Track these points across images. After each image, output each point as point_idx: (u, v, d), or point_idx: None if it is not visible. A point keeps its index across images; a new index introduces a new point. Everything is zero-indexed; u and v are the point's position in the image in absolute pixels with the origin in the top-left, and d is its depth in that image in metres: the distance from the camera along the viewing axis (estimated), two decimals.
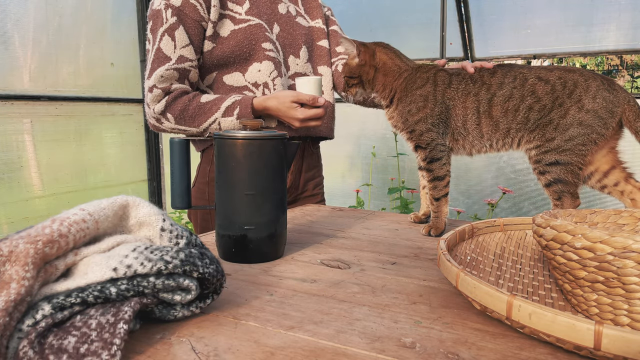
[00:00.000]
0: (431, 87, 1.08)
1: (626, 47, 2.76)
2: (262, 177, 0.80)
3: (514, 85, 1.04)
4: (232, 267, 0.79)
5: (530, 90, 1.03)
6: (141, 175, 3.20)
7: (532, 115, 1.03)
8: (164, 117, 1.22)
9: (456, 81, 1.08)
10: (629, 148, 1.08)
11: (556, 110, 1.01)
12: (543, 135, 1.02)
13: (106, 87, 2.89)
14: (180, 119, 1.21)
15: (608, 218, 0.74)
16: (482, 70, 1.09)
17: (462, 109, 1.07)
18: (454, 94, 1.07)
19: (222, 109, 1.20)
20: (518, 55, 3.14)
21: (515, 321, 0.50)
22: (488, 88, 1.06)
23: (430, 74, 1.10)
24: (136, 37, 3.06)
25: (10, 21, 2.35)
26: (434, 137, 1.07)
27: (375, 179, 3.23)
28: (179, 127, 1.23)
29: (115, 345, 0.45)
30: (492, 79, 1.06)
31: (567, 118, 1.00)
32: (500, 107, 1.04)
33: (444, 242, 0.67)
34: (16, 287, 0.45)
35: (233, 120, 1.20)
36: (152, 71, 1.21)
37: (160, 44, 1.20)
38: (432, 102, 1.07)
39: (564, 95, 1.01)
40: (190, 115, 1.21)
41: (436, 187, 1.07)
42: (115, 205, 0.56)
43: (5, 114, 2.36)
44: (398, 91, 1.11)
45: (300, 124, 1.21)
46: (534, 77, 1.04)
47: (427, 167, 1.08)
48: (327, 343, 0.51)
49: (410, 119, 1.08)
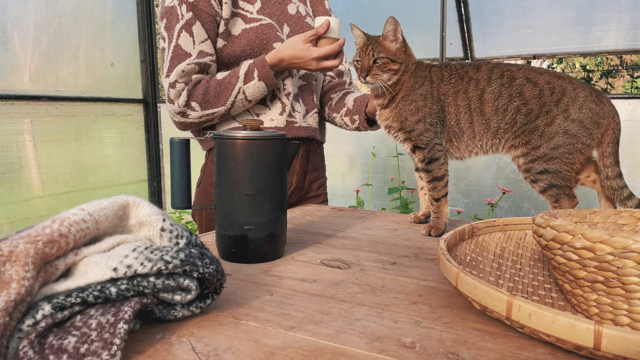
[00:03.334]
0: (428, 85, 1.07)
1: (626, 47, 2.76)
2: (262, 177, 0.80)
3: (502, 82, 1.04)
4: (232, 267, 0.79)
5: (517, 90, 1.03)
6: (141, 175, 3.20)
7: (519, 118, 1.02)
8: (189, 108, 1.20)
9: (447, 74, 1.07)
10: (629, 148, 1.08)
11: (542, 117, 1.01)
12: (528, 142, 1.02)
13: (106, 87, 2.89)
14: (205, 103, 1.20)
15: (608, 218, 0.74)
16: (464, 65, 1.07)
17: (455, 107, 1.06)
18: (446, 89, 1.06)
19: (241, 77, 1.19)
20: (518, 55, 3.14)
21: (515, 321, 0.50)
22: (476, 84, 1.05)
23: (427, 72, 1.09)
24: (136, 37, 3.06)
25: (10, 21, 2.35)
26: (432, 137, 1.06)
27: (375, 179, 3.23)
28: (206, 113, 1.21)
29: (115, 345, 0.45)
30: (478, 73, 1.06)
31: (553, 126, 1.00)
32: (491, 105, 1.04)
33: (444, 242, 0.67)
34: (16, 287, 0.45)
35: (256, 83, 1.19)
36: (171, 68, 1.19)
37: (178, 40, 1.18)
38: (430, 100, 1.06)
39: (552, 102, 1.01)
40: (214, 95, 1.20)
41: (436, 188, 1.07)
42: (115, 205, 0.56)
43: (5, 114, 2.36)
44: (404, 88, 1.08)
45: (316, 64, 1.18)
46: (522, 77, 1.03)
47: (425, 167, 1.07)
48: (327, 343, 0.51)
49: (410, 118, 1.06)
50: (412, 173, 3.32)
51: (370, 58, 1.06)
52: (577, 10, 2.80)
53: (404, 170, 3.12)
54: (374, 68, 1.06)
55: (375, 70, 1.06)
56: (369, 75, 1.06)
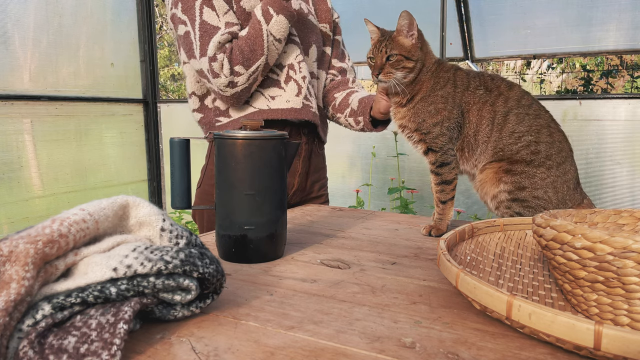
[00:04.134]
0: (451, 88, 1.03)
1: (626, 47, 2.76)
2: (262, 177, 0.80)
3: (528, 112, 1.02)
4: (232, 267, 0.79)
5: (537, 128, 1.01)
6: (141, 175, 3.20)
7: (523, 153, 1.01)
8: (235, 75, 1.18)
9: (474, 85, 1.04)
10: (629, 148, 1.08)
11: (542, 169, 1.00)
12: (518, 181, 1.01)
13: (106, 87, 2.90)
14: (246, 61, 1.18)
15: (608, 218, 0.74)
16: (495, 78, 1.06)
17: (477, 117, 1.03)
18: (470, 98, 1.03)
19: (261, 20, 1.17)
20: (518, 55, 3.14)
21: (515, 321, 0.50)
22: (505, 101, 1.02)
23: (450, 74, 1.05)
24: (136, 37, 3.06)
25: (10, 21, 2.35)
26: (446, 141, 1.03)
27: (375, 179, 3.23)
28: (251, 71, 1.19)
29: (115, 345, 0.45)
30: (510, 92, 1.03)
31: (546, 180, 1.00)
32: (511, 126, 1.01)
33: (444, 242, 0.67)
34: (16, 287, 0.45)
35: (277, 19, 1.17)
36: (204, 45, 1.18)
37: (202, 17, 1.18)
38: (451, 104, 1.03)
39: (556, 158, 1.01)
40: (249, 50, 1.18)
41: (443, 191, 1.05)
42: (115, 205, 0.56)
43: (5, 114, 2.36)
44: (423, 88, 1.04)
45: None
46: (546, 120, 1.03)
47: (436, 170, 1.05)
48: (327, 343, 0.51)
49: (429, 120, 1.03)
50: (412, 173, 3.32)
51: (383, 55, 1.02)
52: (577, 10, 2.80)
53: (404, 170, 3.12)
54: (387, 66, 1.02)
55: (388, 68, 1.01)
56: (382, 74, 1.02)
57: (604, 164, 2.66)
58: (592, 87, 5.57)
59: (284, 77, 1.27)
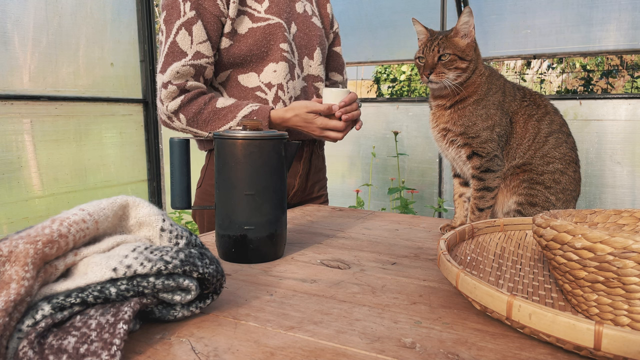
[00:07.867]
0: (501, 96, 1.02)
1: (626, 47, 2.76)
2: (262, 177, 0.80)
3: (567, 140, 1.03)
4: (232, 267, 0.78)
5: (569, 159, 1.02)
6: (141, 175, 3.20)
7: (546, 177, 1.01)
8: (175, 117, 1.18)
9: (520, 95, 1.04)
10: (629, 148, 1.08)
11: (553, 199, 1.01)
12: (533, 196, 1.01)
13: (106, 87, 2.89)
14: (192, 122, 1.18)
15: (608, 218, 0.74)
16: (542, 96, 1.06)
17: (523, 130, 1.02)
18: (517, 109, 1.03)
19: (238, 117, 1.17)
20: (518, 55, 3.15)
21: (515, 321, 0.50)
22: (550, 122, 1.02)
23: (501, 81, 1.04)
24: (136, 37, 3.06)
25: (10, 21, 2.35)
26: (494, 148, 1.01)
27: (375, 179, 3.23)
28: (190, 129, 1.20)
29: (115, 346, 0.45)
30: (555, 115, 1.04)
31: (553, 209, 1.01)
32: (547, 149, 1.01)
33: (444, 242, 0.67)
34: (16, 287, 0.45)
35: None
36: (166, 65, 1.16)
37: (176, 37, 1.15)
38: (501, 111, 1.01)
39: (567, 197, 1.02)
40: (204, 119, 1.18)
41: (483, 197, 1.02)
42: (115, 205, 0.56)
43: (5, 114, 2.35)
44: (478, 91, 1.01)
45: (319, 132, 1.19)
46: (576, 155, 1.04)
47: (479, 175, 1.02)
48: (327, 343, 0.51)
49: (480, 123, 1.00)
50: (412, 173, 3.32)
51: (435, 55, 0.98)
52: (577, 10, 2.80)
53: (404, 170, 3.12)
54: (439, 65, 0.98)
55: (441, 68, 0.98)
56: (433, 74, 0.98)
57: (604, 164, 2.66)
58: (592, 87, 5.58)
59: (272, 97, 1.26)
